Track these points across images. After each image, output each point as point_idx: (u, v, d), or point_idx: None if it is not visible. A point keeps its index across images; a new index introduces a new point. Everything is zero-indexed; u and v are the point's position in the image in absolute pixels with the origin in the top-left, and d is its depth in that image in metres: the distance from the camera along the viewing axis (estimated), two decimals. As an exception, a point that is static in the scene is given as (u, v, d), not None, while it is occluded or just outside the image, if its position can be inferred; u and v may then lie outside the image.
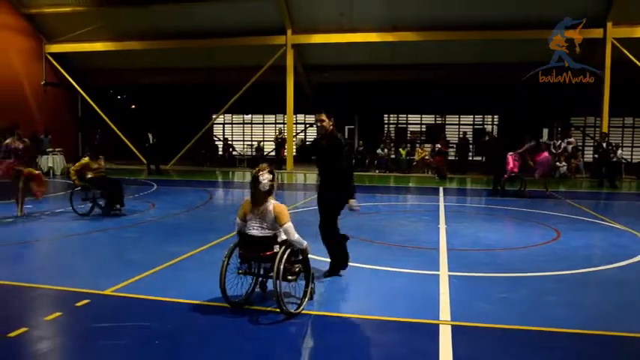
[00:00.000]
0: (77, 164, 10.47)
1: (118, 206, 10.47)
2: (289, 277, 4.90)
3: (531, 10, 18.94)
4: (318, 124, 6.01)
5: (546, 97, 21.44)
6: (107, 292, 5.43)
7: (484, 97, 23.73)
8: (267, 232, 4.92)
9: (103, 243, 8.16)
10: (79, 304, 5.08)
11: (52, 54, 24.09)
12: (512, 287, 5.89)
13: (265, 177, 4.95)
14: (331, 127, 5.98)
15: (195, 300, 5.20)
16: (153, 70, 24.56)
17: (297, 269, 4.99)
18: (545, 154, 14.76)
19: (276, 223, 4.91)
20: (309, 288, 5.08)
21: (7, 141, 10.22)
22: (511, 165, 14.38)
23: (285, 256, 4.79)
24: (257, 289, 5.27)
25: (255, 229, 4.94)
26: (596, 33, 18.97)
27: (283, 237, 4.93)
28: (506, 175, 14.60)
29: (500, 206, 12.66)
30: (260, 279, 5.18)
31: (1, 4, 21.77)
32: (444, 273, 6.37)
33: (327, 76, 23.60)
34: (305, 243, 4.99)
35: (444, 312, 4.97)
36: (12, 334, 4.32)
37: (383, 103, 26.17)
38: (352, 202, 5.94)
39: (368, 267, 6.61)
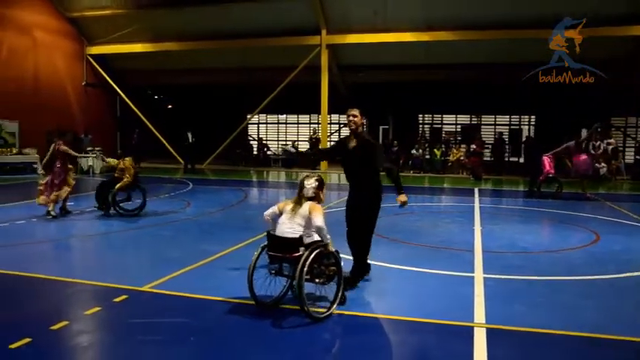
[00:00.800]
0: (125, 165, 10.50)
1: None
2: (317, 280, 4.87)
3: (562, 10, 18.45)
4: (350, 119, 5.83)
5: (585, 96, 20.90)
6: (144, 288, 5.55)
7: (520, 97, 23.26)
8: (296, 232, 4.90)
9: (140, 240, 8.31)
10: (117, 299, 5.20)
11: (93, 55, 24.72)
12: (550, 291, 5.78)
13: (311, 183, 5.09)
14: (361, 126, 5.87)
15: (230, 298, 5.26)
16: (189, 70, 24.96)
17: (330, 272, 4.92)
18: (585, 156, 14.41)
19: (309, 217, 4.91)
20: (341, 293, 4.99)
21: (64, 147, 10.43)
22: (547, 167, 14.17)
23: (311, 258, 4.70)
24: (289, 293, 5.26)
25: (285, 226, 4.97)
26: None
27: (309, 239, 4.91)
28: (542, 177, 14.35)
29: (537, 208, 12.41)
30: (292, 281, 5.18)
31: (47, 8, 22.47)
32: (478, 275, 6.28)
33: (362, 76, 23.54)
34: (329, 237, 4.95)
35: (479, 314, 4.91)
36: (54, 327, 4.45)
37: (417, 103, 25.98)
38: (402, 197, 5.81)
39: (401, 268, 6.57)
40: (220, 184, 17.32)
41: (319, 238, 4.95)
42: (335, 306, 4.91)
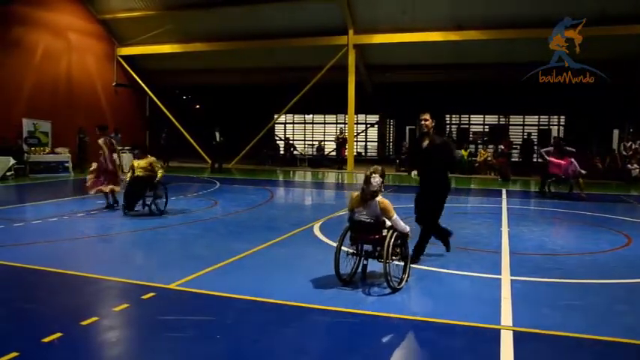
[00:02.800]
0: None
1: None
2: (393, 258, 5.59)
3: (594, 8, 18.07)
4: (422, 122, 6.69)
5: (615, 97, 20.46)
6: (172, 286, 5.61)
7: (550, 97, 22.87)
8: (374, 220, 5.59)
9: (168, 239, 8.40)
10: (145, 296, 5.27)
11: (123, 56, 25.15)
12: (579, 294, 5.67)
13: (377, 180, 5.59)
14: (432, 128, 6.69)
15: (256, 297, 5.29)
16: (217, 70, 25.21)
17: (399, 251, 5.71)
18: (564, 161, 14.14)
19: (382, 216, 5.58)
20: (408, 267, 5.81)
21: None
22: (554, 168, 14.17)
23: (393, 238, 5.52)
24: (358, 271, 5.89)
25: (362, 216, 5.63)
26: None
27: (389, 223, 5.61)
28: (554, 178, 14.44)
29: (566, 210, 12.17)
30: (363, 261, 5.87)
31: (79, 11, 22.95)
32: (506, 277, 6.20)
33: (389, 76, 23.45)
34: (408, 228, 5.70)
35: (506, 317, 4.84)
36: (84, 323, 4.54)
37: (445, 103, 25.76)
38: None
39: (428, 269, 6.52)
40: (247, 184, 17.43)
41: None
42: (407, 276, 5.73)
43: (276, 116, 26.58)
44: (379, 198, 5.60)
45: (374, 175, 5.60)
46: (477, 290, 5.75)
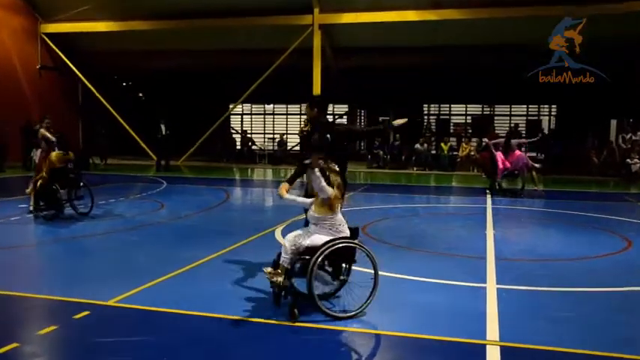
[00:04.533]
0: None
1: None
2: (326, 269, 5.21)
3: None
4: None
5: (613, 84, 20.99)
6: (109, 302, 5.47)
7: (540, 84, 23.26)
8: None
9: (106, 248, 8.24)
10: (77, 316, 5.12)
11: (48, 34, 24.24)
12: (574, 304, 5.76)
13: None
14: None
15: (209, 312, 5.22)
16: (163, 53, 24.70)
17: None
18: (517, 152, 14.62)
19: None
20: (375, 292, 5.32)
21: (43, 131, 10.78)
22: (500, 164, 14.52)
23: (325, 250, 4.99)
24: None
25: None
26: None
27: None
28: (498, 176, 14.74)
29: (560, 210, 12.40)
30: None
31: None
32: (491, 286, 6.25)
33: (359, 61, 23.48)
34: (330, 191, 5.13)
35: (492, 331, 4.88)
36: (0, 351, 4.37)
37: (422, 91, 25.96)
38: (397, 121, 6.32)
39: (405, 277, 6.54)
40: (198, 183, 17.30)
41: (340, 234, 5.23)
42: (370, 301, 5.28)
43: (231, 106, 26.38)
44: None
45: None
46: (459, 301, 5.78)
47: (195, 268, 6.90)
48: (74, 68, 24.77)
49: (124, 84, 29.39)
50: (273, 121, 31.58)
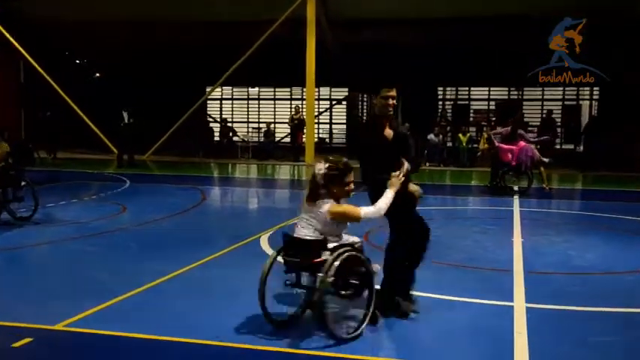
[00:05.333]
0: None
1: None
2: (342, 293, 5.23)
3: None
4: (390, 101, 5.78)
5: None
6: (57, 327, 5.43)
7: (579, 61, 23.22)
8: (316, 235, 5.27)
9: (53, 260, 8.21)
10: (16, 344, 5.05)
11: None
12: (618, 327, 5.77)
13: (321, 169, 5.33)
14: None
15: (181, 337, 5.19)
16: (126, 25, 24.53)
17: (357, 283, 5.32)
18: (522, 143, 14.86)
19: (333, 226, 5.30)
20: (371, 309, 5.35)
21: None
22: (506, 157, 14.80)
23: (336, 265, 5.01)
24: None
25: (303, 229, 5.35)
26: None
27: (334, 244, 5.26)
28: (507, 168, 15.04)
29: (601, 213, 12.44)
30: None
31: None
32: (520, 305, 6.26)
33: (360, 35, 23.46)
34: (382, 209, 5.33)
35: (521, 357, 4.88)
36: None
37: (437, 72, 25.92)
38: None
39: (417, 294, 6.51)
40: (169, 182, 17.33)
41: (348, 241, 5.40)
42: (365, 325, 5.28)
43: (208, 90, 26.34)
44: (332, 201, 5.30)
45: (318, 163, 5.40)
46: (482, 322, 5.78)
47: (164, 283, 6.88)
48: (13, 41, 24.42)
49: (78, 62, 29.24)
50: (259, 107, 31.53)
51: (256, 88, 31.17)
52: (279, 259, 5.44)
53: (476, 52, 23.82)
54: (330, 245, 5.21)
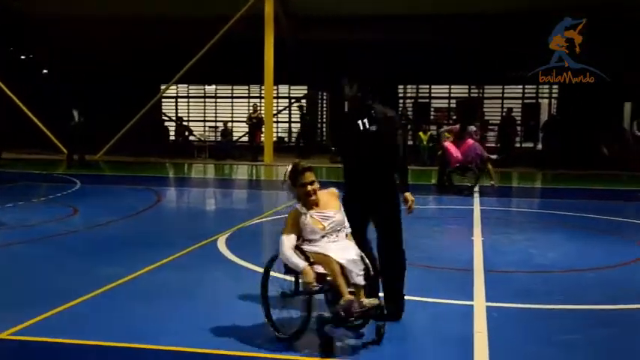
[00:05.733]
0: None
1: None
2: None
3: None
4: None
5: (629, 58, 21.52)
6: (2, 335, 5.29)
7: (538, 60, 23.57)
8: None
9: (0, 265, 8.05)
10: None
11: None
12: (580, 326, 5.83)
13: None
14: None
15: (136, 343, 5.13)
16: (75, 19, 24.23)
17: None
18: (470, 141, 15.21)
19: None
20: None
21: None
22: (453, 154, 15.03)
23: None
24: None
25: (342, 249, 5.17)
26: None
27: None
28: (452, 166, 15.26)
29: (562, 211, 12.64)
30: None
31: None
32: (480, 304, 6.31)
33: (322, 32, 23.49)
34: (301, 265, 4.92)
35: (481, 358, 4.90)
36: None
37: (397, 70, 26.08)
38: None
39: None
40: (122, 183, 17.17)
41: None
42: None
43: (163, 87, 26.11)
44: (295, 206, 5.29)
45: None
46: (442, 323, 5.82)
47: (116, 288, 6.78)
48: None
49: (24, 57, 28.73)
50: (216, 106, 31.39)
51: (213, 86, 31.03)
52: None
53: (436, 50, 24.03)
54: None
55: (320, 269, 4.92)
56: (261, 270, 5.69)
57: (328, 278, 4.91)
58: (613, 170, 20.24)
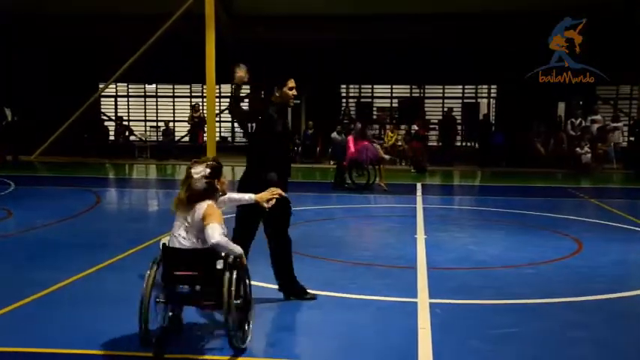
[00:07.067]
0: None
1: None
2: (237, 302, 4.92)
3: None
4: (294, 92, 6.54)
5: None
6: None
7: (479, 61, 23.99)
8: (198, 245, 5.00)
9: None
10: None
11: None
12: (520, 319, 5.93)
13: (199, 171, 5.11)
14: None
15: (72, 349, 5.03)
16: (9, 15, 23.63)
17: (241, 293, 5.02)
18: (365, 142, 15.76)
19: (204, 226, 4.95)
20: (252, 314, 5.22)
21: None
22: (351, 147, 15.60)
23: (234, 276, 4.80)
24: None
25: (181, 238, 5.09)
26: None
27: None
28: (345, 162, 15.85)
29: (501, 209, 12.89)
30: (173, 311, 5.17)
31: None
32: (423, 300, 6.37)
33: (263, 31, 23.42)
34: (238, 249, 4.98)
35: (425, 354, 4.94)
36: None
37: (340, 70, 26.19)
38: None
39: (321, 294, 6.53)
40: (59, 184, 16.81)
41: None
42: (250, 330, 5.08)
43: (101, 86, 25.68)
44: (208, 202, 5.07)
45: (195, 165, 5.16)
46: (386, 319, 5.86)
47: (53, 293, 6.62)
48: None
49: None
50: (157, 105, 31.00)
51: (153, 85, 30.64)
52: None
53: (378, 50, 24.21)
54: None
55: None
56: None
57: None
58: (549, 168, 20.71)
